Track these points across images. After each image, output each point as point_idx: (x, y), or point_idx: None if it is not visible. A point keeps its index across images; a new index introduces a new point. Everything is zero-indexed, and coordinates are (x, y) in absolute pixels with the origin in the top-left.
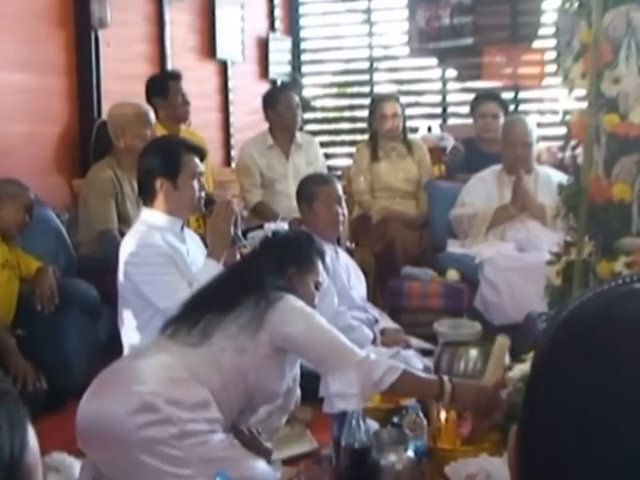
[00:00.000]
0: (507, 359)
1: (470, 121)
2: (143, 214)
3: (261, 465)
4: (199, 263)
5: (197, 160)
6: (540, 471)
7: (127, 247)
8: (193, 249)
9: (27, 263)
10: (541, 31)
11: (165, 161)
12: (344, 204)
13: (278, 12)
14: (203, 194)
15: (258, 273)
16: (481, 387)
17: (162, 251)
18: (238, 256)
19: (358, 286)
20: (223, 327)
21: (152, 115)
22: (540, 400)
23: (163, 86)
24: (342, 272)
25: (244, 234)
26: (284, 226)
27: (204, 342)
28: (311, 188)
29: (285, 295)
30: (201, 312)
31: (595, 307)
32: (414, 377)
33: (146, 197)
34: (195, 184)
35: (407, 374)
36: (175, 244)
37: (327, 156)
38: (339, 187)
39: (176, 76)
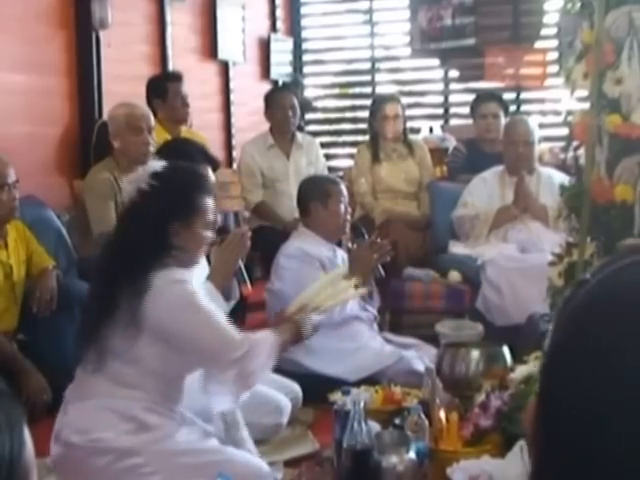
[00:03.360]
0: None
1: (471, 122)
2: None
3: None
4: (200, 271)
5: (210, 171)
6: (563, 456)
7: None
8: None
9: (39, 261)
10: (543, 32)
11: None
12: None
13: (279, 13)
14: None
15: (131, 253)
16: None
17: None
18: (237, 292)
19: None
20: (111, 345)
21: (148, 119)
22: (558, 392)
23: (161, 88)
24: None
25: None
26: (157, 165)
27: (103, 368)
28: (325, 187)
29: (154, 282)
30: (92, 328)
31: (616, 291)
32: (279, 345)
33: None
34: None
35: (274, 351)
36: None
37: (328, 157)
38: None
39: (175, 77)
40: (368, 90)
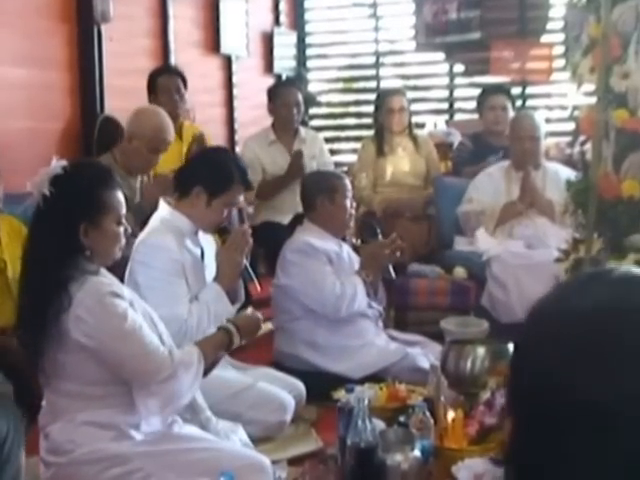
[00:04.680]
0: None
1: (476, 117)
2: (161, 211)
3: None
4: (213, 267)
5: (241, 193)
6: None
7: (140, 245)
8: (207, 251)
9: None
10: (549, 25)
11: (216, 178)
12: None
13: (283, 6)
14: (224, 221)
15: (46, 262)
16: (250, 313)
17: (174, 256)
18: (243, 291)
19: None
20: (51, 362)
21: (169, 143)
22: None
23: (153, 83)
24: (345, 266)
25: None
26: (57, 168)
27: (51, 384)
28: (331, 182)
29: (79, 296)
30: (30, 345)
31: (603, 300)
32: (206, 357)
33: (175, 193)
34: (225, 211)
35: (202, 367)
36: (190, 247)
37: (332, 152)
38: None
39: (164, 71)
40: (373, 84)
